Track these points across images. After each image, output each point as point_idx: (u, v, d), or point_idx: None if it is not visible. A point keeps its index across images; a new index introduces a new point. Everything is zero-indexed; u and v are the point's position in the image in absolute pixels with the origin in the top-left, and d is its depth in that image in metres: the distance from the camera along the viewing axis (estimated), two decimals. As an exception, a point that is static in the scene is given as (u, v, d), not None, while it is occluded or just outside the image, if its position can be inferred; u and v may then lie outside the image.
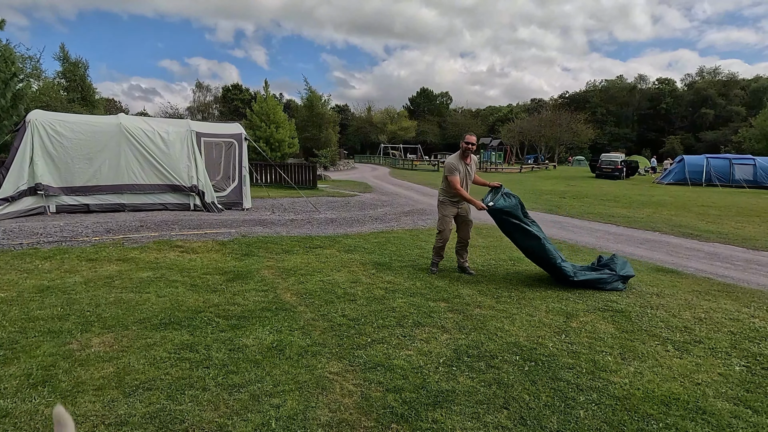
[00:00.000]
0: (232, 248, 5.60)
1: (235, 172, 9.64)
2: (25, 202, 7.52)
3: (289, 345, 2.90)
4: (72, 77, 27.29)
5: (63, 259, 4.71)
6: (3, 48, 12.10)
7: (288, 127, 22.99)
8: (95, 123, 8.52)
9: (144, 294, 3.77)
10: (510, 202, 4.64)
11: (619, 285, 4.34)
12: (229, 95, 57.85)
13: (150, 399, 2.21)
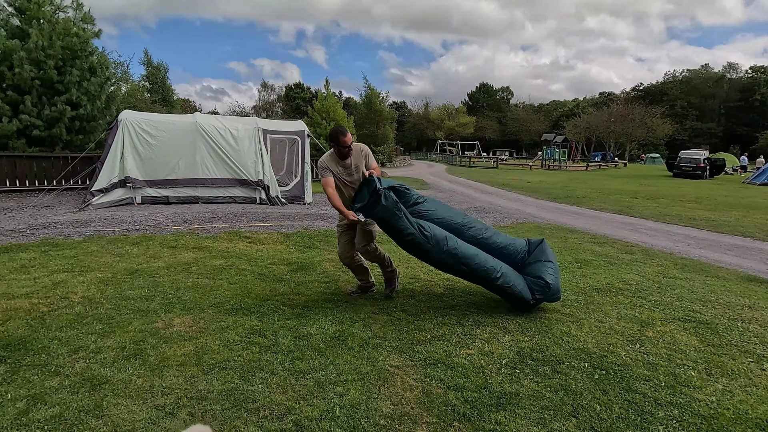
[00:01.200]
0: (296, 240, 5.84)
1: (298, 167, 10.02)
2: (116, 193, 8.36)
3: (351, 336, 2.98)
4: (154, 80, 29.80)
5: (148, 246, 5.18)
6: (99, 55, 13.47)
7: (346, 125, 23.52)
8: (175, 122, 9.25)
9: (217, 280, 4.05)
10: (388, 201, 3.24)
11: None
12: (292, 94, 60.22)
13: (225, 378, 2.38)
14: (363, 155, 3.62)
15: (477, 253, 3.45)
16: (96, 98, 12.91)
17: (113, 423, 1.96)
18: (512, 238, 3.89)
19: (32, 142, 11.71)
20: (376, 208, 3.27)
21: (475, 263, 3.41)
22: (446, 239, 3.39)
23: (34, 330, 2.83)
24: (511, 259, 3.66)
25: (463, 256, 3.39)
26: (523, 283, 3.45)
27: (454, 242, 3.41)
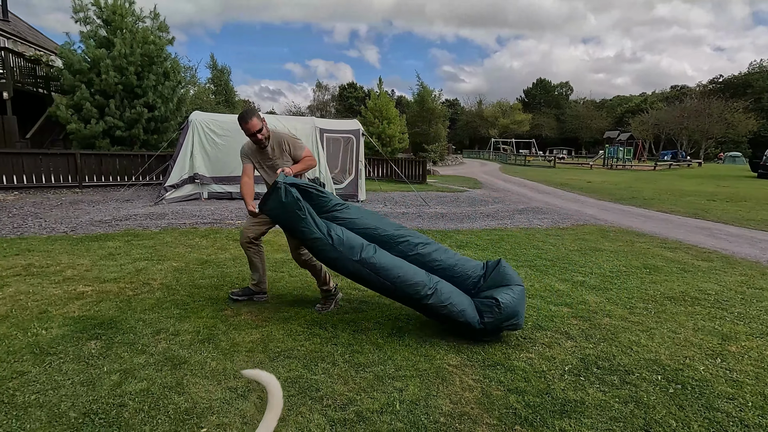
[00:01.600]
0: (351, 237, 5.97)
1: (352, 165, 10.22)
2: (186, 189, 8.99)
3: (408, 333, 3.01)
4: (218, 82, 31.58)
5: (215, 238, 5.53)
6: (172, 61, 14.53)
7: (399, 123, 23.56)
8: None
9: (279, 273, 4.24)
10: (288, 198, 2.95)
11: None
12: (345, 93, 61.34)
13: (290, 366, 2.49)
14: (288, 144, 3.38)
15: (400, 264, 2.97)
16: (169, 101, 13.95)
17: (193, 400, 2.12)
18: (465, 258, 3.32)
19: (115, 142, 12.88)
20: (268, 202, 3.03)
21: (397, 275, 2.90)
22: (362, 247, 2.97)
23: (122, 311, 3.13)
24: (459, 282, 3.10)
25: (381, 267, 2.92)
26: (468, 303, 2.90)
27: (372, 251, 2.98)
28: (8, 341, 2.62)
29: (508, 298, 2.86)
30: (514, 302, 2.87)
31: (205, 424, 1.95)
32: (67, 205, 8.16)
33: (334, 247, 2.94)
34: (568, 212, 9.29)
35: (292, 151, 3.41)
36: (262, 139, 3.27)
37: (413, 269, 3.00)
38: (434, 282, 2.94)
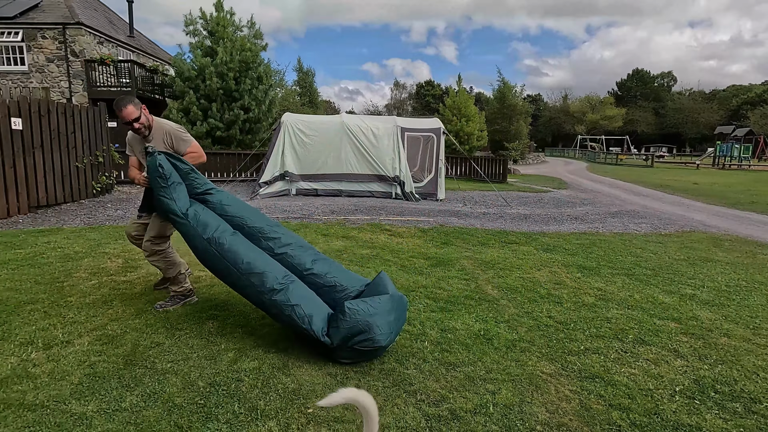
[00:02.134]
0: (432, 236, 6.00)
1: (432, 164, 10.22)
2: (277, 185, 9.68)
3: (497, 336, 2.97)
4: (303, 84, 33.35)
5: (305, 233, 5.90)
6: (265, 66, 15.67)
7: (477, 121, 23.02)
8: (325, 122, 10.28)
9: (366, 268, 4.41)
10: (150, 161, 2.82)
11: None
12: (422, 91, 61.31)
13: (383, 359, 2.60)
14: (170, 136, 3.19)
15: (254, 253, 2.73)
16: (261, 103, 15.07)
17: (298, 381, 2.31)
18: (347, 271, 3.02)
19: (215, 141, 14.25)
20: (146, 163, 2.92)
21: (245, 261, 2.63)
22: (217, 228, 2.78)
23: (231, 296, 3.48)
24: (327, 292, 2.79)
25: (229, 250, 2.66)
26: (322, 312, 2.55)
27: (227, 234, 2.78)
28: (145, 316, 3.06)
29: (359, 307, 2.44)
30: (367, 313, 2.43)
31: (311, 405, 2.12)
32: (178, 198, 9.23)
33: (187, 222, 2.80)
34: (670, 217, 8.41)
35: (174, 145, 3.21)
36: (140, 127, 3.11)
37: (267, 261, 2.74)
38: (288, 280, 2.64)
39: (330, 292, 2.82)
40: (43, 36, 14.69)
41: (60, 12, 14.94)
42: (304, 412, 2.07)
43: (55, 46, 14.74)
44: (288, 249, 2.96)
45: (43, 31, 14.66)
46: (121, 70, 14.98)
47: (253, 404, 2.11)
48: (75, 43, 14.74)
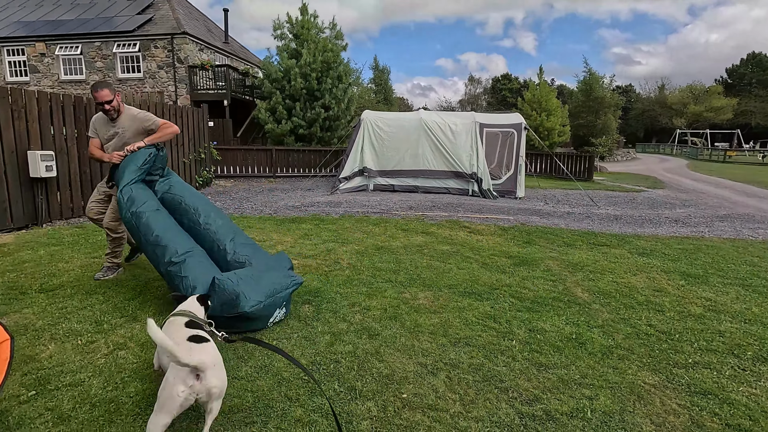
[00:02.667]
0: (513, 234, 5.84)
1: (511, 161, 9.90)
2: (356, 181, 10.02)
3: (590, 341, 2.84)
4: (379, 82, 33.92)
5: (386, 227, 6.06)
6: (344, 65, 16.23)
7: (559, 115, 21.75)
8: (403, 119, 10.40)
9: (447, 264, 4.43)
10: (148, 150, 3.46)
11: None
12: (498, 86, 59.21)
13: (471, 353, 2.62)
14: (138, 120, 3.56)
15: (167, 228, 3.08)
16: (341, 101, 15.63)
17: (391, 368, 2.43)
18: (262, 252, 3.33)
19: (298, 139, 15.08)
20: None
21: (155, 235, 2.99)
22: (142, 204, 3.13)
23: (323, 284, 3.72)
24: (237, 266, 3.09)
25: (145, 224, 3.05)
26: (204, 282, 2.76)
27: (150, 210, 3.12)
28: (250, 296, 3.37)
29: (228, 278, 2.72)
30: (234, 283, 2.70)
31: (405, 391, 2.22)
32: (266, 192, 9.95)
33: (121, 196, 3.18)
34: (796, 223, 7.31)
35: (145, 125, 3.60)
36: (110, 110, 3.47)
37: (175, 237, 3.05)
38: (188, 255, 2.94)
39: (240, 267, 3.09)
40: (155, 46, 16.59)
41: (169, 24, 16.75)
42: (399, 396, 2.17)
43: (165, 54, 16.57)
44: (212, 226, 3.31)
45: (155, 42, 16.55)
46: (217, 74, 16.42)
47: (352, 385, 2.25)
48: (180, 51, 16.44)
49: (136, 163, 3.33)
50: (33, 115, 5.73)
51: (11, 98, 5.48)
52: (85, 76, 17.08)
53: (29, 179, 5.69)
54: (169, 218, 3.27)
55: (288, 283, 2.97)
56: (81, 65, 17.12)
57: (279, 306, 2.87)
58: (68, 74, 17.24)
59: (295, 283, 3.03)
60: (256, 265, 3.09)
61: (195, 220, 3.32)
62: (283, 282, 2.94)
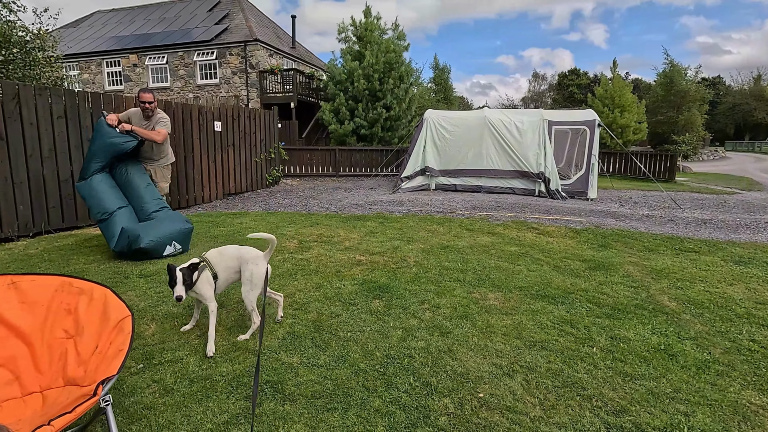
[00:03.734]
0: (587, 237, 5.53)
1: (583, 160, 9.37)
2: (417, 180, 10.03)
3: (682, 353, 2.62)
4: (439, 81, 33.65)
5: (450, 227, 6.01)
6: (406, 65, 16.29)
7: (635, 111, 20.24)
8: (466, 117, 10.24)
9: (516, 266, 4.30)
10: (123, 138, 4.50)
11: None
12: (565, 82, 56.23)
13: (548, 358, 2.53)
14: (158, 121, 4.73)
15: (106, 191, 4.35)
16: (402, 101, 15.72)
17: (464, 366, 2.41)
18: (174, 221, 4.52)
19: (360, 139, 15.39)
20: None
21: (92, 196, 4.30)
22: (92, 173, 4.37)
23: (391, 280, 3.77)
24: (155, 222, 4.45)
25: (91, 187, 4.32)
26: (127, 231, 4.12)
27: (96, 177, 4.35)
28: (323, 290, 3.51)
29: (133, 227, 4.21)
30: (135, 230, 4.16)
31: (481, 390, 2.19)
32: (330, 190, 10.26)
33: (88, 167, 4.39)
34: None
35: (155, 125, 4.71)
36: (148, 108, 4.66)
37: (112, 198, 4.35)
38: (115, 214, 4.28)
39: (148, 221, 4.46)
40: (230, 53, 17.73)
41: (243, 32, 17.84)
42: (476, 395, 2.15)
43: (238, 61, 17.66)
44: (144, 198, 4.52)
45: (230, 49, 17.69)
46: (285, 77, 17.21)
47: (427, 380, 2.27)
48: (252, 57, 17.44)
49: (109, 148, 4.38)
50: (131, 119, 6.37)
51: (114, 104, 6.15)
52: (170, 83, 18.68)
53: (127, 177, 6.33)
54: (113, 187, 4.47)
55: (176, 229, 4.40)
56: (166, 73, 18.75)
57: (169, 243, 4.29)
58: (155, 82, 18.95)
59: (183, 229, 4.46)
60: (158, 219, 4.42)
61: (134, 193, 4.54)
62: (174, 228, 4.38)
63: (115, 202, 4.35)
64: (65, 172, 5.55)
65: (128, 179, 4.53)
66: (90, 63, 19.68)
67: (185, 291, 2.43)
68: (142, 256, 4.15)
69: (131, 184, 4.52)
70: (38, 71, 8.92)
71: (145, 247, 4.10)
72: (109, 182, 4.45)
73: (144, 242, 4.09)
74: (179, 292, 2.40)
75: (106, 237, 4.27)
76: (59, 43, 10.54)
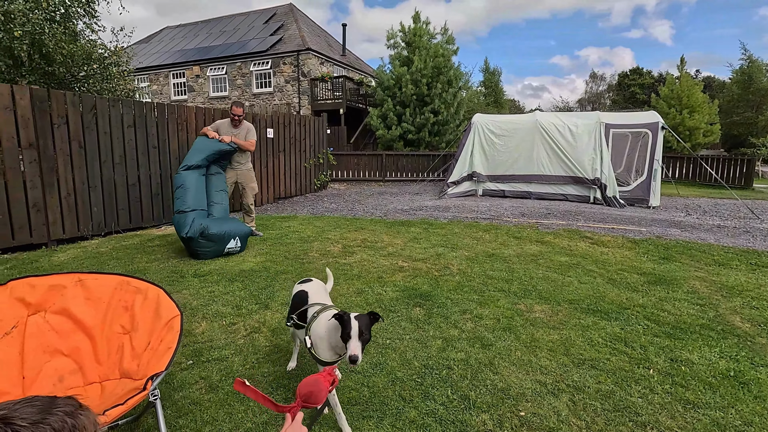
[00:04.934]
0: (647, 248, 5.16)
1: (644, 165, 8.76)
2: (464, 185, 9.85)
3: (755, 382, 2.36)
4: (489, 84, 32.99)
5: (497, 234, 5.84)
6: (455, 69, 16.12)
7: (706, 112, 18.64)
8: (516, 121, 9.94)
9: (566, 277, 4.09)
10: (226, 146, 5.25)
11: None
12: (626, 81, 52.98)
13: (598, 378, 2.37)
14: (246, 130, 5.44)
15: (195, 188, 4.88)
16: (450, 105, 15.56)
17: (505, 381, 2.32)
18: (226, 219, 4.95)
19: (407, 143, 15.40)
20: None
21: (182, 191, 4.83)
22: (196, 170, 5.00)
23: (433, 288, 3.72)
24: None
25: (182, 180, 4.90)
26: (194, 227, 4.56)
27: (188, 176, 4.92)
28: (364, 295, 3.53)
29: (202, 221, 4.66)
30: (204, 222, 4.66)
31: (523, 408, 2.09)
32: (376, 195, 10.35)
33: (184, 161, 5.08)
34: None
35: (246, 135, 5.42)
36: (238, 119, 5.34)
37: (196, 198, 4.84)
38: (194, 211, 4.73)
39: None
40: (284, 62, 18.45)
41: (296, 42, 18.51)
42: (516, 413, 2.06)
43: (291, 70, 18.34)
44: (216, 200, 5.08)
45: (284, 59, 18.41)
46: (335, 84, 17.62)
47: (465, 393, 2.20)
48: (304, 66, 18.04)
49: (212, 149, 5.10)
50: (191, 126, 6.81)
51: (177, 113, 6.60)
52: (228, 92, 19.76)
53: (187, 181, 6.77)
54: (199, 186, 4.98)
55: (239, 228, 4.83)
56: (225, 83, 19.85)
57: (233, 238, 4.72)
58: (215, 91, 20.13)
59: (244, 230, 4.87)
60: (223, 219, 4.92)
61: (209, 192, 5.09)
62: (237, 227, 4.82)
63: (197, 203, 4.83)
64: (133, 177, 6.02)
65: (208, 180, 5.14)
66: (159, 75, 21.28)
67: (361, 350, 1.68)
68: (208, 244, 4.56)
69: (209, 185, 5.12)
70: (114, 84, 9.78)
71: (214, 233, 4.57)
72: (199, 184, 4.96)
73: (213, 230, 4.58)
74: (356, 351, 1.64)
75: (178, 226, 4.62)
76: (132, 58, 11.47)
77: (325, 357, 1.83)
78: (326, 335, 1.84)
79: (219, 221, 4.75)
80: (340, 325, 1.77)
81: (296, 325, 2.03)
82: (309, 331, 1.91)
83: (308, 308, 2.02)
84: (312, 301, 2.06)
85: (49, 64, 8.45)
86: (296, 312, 2.04)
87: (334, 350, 1.83)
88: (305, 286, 2.22)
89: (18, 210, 4.87)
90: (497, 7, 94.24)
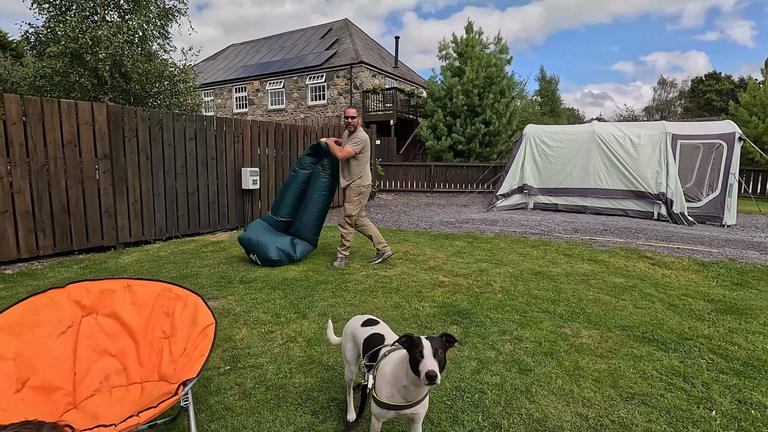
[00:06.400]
0: (717, 272, 4.68)
1: (717, 179, 8.01)
2: (514, 198, 9.54)
3: None
4: (545, 93, 31.92)
5: (545, 250, 5.57)
6: (508, 79, 15.76)
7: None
8: (572, 132, 9.50)
9: (620, 300, 3.80)
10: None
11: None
12: (701, 87, 48.92)
13: (649, 416, 2.16)
14: (353, 137, 4.80)
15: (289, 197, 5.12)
16: (502, 116, 15.21)
17: (543, 412, 2.18)
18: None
19: (457, 154, 15.22)
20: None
21: (283, 192, 5.20)
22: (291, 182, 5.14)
23: (473, 305, 3.60)
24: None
25: (288, 183, 5.17)
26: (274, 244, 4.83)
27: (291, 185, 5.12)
28: (401, 310, 3.50)
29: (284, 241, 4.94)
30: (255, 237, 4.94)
31: (559, 443, 1.95)
32: (423, 207, 10.29)
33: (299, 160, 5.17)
34: None
35: (350, 143, 4.80)
36: (350, 124, 4.79)
37: (288, 208, 5.09)
38: (281, 218, 5.13)
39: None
40: (337, 75, 19.03)
41: (349, 55, 19.04)
42: (552, 448, 1.92)
43: (344, 82, 18.86)
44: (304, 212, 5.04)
45: (337, 72, 18.99)
46: (386, 96, 17.86)
47: (497, 421, 2.10)
48: (357, 78, 18.48)
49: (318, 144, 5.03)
50: (247, 139, 7.19)
51: (234, 127, 7.00)
52: (285, 105, 20.69)
53: (241, 190, 7.14)
54: (292, 195, 5.09)
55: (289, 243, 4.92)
56: (282, 96, 20.81)
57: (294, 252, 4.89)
58: (273, 105, 21.15)
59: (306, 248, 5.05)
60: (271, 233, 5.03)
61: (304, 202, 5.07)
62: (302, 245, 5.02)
63: (287, 211, 5.09)
64: (192, 186, 6.45)
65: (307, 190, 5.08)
66: (222, 90, 22.75)
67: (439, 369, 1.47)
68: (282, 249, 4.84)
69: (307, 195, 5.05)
70: (181, 99, 10.60)
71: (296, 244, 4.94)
72: (297, 193, 5.08)
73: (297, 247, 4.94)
74: (432, 367, 1.44)
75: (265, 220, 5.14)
76: (199, 75, 12.38)
77: (385, 396, 1.60)
78: (392, 369, 1.63)
79: (273, 235, 4.90)
80: (409, 345, 1.52)
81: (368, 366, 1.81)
82: (375, 371, 1.68)
83: (381, 348, 1.79)
84: (388, 342, 1.84)
85: (127, 82, 9.33)
86: (370, 352, 1.82)
87: (396, 388, 1.59)
88: (377, 328, 2.00)
89: (92, 215, 5.38)
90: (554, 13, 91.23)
